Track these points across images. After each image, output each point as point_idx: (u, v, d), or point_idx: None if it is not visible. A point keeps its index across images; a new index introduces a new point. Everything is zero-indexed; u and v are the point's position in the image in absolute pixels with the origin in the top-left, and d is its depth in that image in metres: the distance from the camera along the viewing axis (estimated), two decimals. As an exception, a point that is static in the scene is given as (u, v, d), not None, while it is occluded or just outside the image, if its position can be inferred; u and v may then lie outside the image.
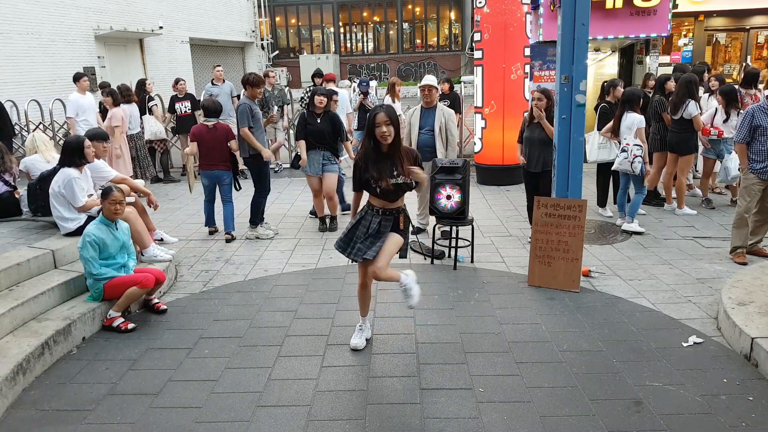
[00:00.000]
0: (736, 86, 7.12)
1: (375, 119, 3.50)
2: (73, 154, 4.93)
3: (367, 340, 3.95)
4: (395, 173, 3.54)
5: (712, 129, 6.77)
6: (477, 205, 7.39)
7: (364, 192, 3.72)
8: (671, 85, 6.86)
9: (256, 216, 6.38)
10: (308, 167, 6.36)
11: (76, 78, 8.86)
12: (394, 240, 3.65)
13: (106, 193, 4.35)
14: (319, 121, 6.25)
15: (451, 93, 9.63)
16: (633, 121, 6.03)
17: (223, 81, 9.95)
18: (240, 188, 6.45)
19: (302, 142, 6.35)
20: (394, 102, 9.30)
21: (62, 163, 4.97)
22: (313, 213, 7.08)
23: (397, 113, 4.49)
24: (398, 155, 3.57)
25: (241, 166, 9.62)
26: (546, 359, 3.68)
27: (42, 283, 4.33)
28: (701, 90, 7.34)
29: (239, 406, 3.26)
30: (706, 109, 7.10)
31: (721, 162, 6.87)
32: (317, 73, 9.56)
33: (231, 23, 22.76)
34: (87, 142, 5.02)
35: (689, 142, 6.61)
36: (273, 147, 8.17)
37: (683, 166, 6.71)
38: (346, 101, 8.93)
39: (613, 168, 6.36)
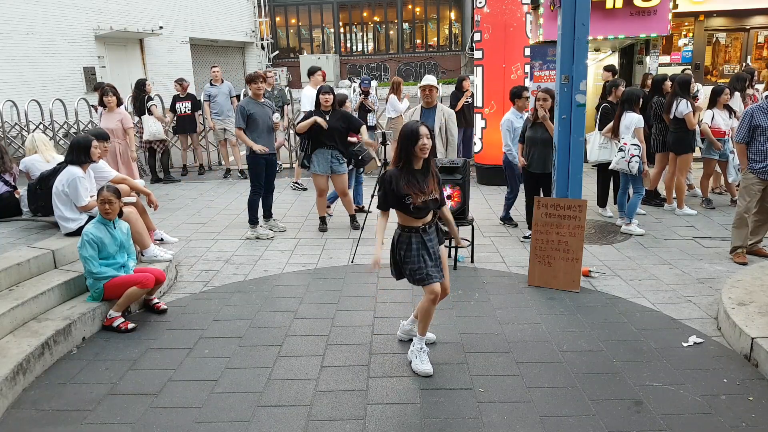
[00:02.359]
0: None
1: (419, 131, 3.34)
2: (79, 152, 4.94)
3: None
4: (426, 190, 3.42)
5: (726, 130, 6.78)
6: (477, 205, 7.39)
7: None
8: (668, 85, 6.92)
9: (253, 215, 6.37)
10: (317, 166, 6.33)
11: (311, 72, 8.67)
12: (444, 254, 3.69)
13: (98, 193, 4.38)
14: (327, 118, 6.23)
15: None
16: (631, 120, 6.04)
17: (222, 81, 9.95)
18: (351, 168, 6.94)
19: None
20: (401, 101, 9.32)
21: (68, 161, 4.98)
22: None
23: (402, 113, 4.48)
24: (431, 171, 3.49)
25: (242, 165, 9.62)
26: (546, 359, 3.68)
27: (42, 283, 4.33)
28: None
29: (239, 406, 3.26)
30: (701, 117, 7.13)
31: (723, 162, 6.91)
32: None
33: (231, 23, 22.77)
34: (95, 142, 5.03)
35: (684, 141, 6.62)
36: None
37: (681, 165, 6.72)
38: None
39: (610, 167, 6.37)
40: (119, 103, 7.84)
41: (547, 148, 5.65)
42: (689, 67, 12.24)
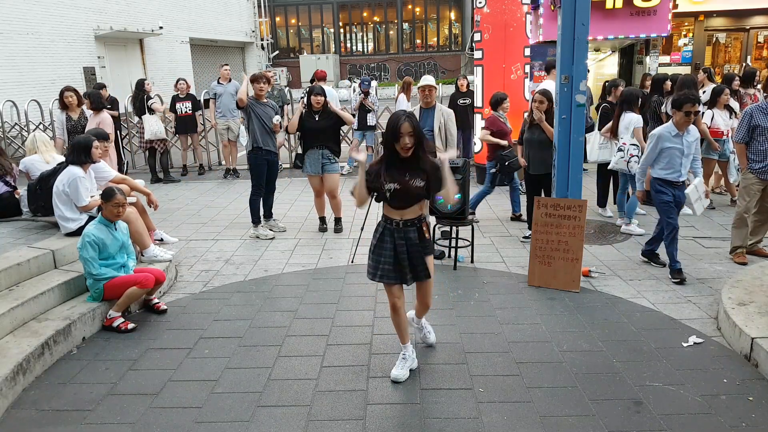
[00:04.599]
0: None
1: (399, 129, 3.13)
2: (80, 152, 4.94)
3: (411, 370, 3.54)
4: (408, 177, 3.22)
5: (726, 131, 6.78)
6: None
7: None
8: (668, 85, 6.90)
9: (254, 215, 6.37)
10: (308, 167, 6.35)
11: (551, 66, 7.60)
12: (431, 262, 3.43)
13: (108, 195, 4.35)
14: (317, 118, 6.23)
15: (468, 90, 9.59)
16: (630, 120, 6.05)
17: (229, 80, 9.94)
18: None
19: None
20: (408, 100, 9.35)
21: (69, 161, 4.98)
22: None
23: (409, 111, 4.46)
24: (419, 163, 3.23)
25: (235, 165, 9.60)
26: (546, 359, 3.68)
27: (42, 283, 4.33)
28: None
29: (239, 406, 3.26)
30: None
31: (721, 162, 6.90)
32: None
33: (231, 23, 22.79)
34: (96, 143, 5.03)
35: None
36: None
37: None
38: (335, 99, 8.89)
39: (609, 167, 6.37)
40: (95, 107, 7.62)
41: (544, 150, 5.67)
42: (697, 64, 12.22)
